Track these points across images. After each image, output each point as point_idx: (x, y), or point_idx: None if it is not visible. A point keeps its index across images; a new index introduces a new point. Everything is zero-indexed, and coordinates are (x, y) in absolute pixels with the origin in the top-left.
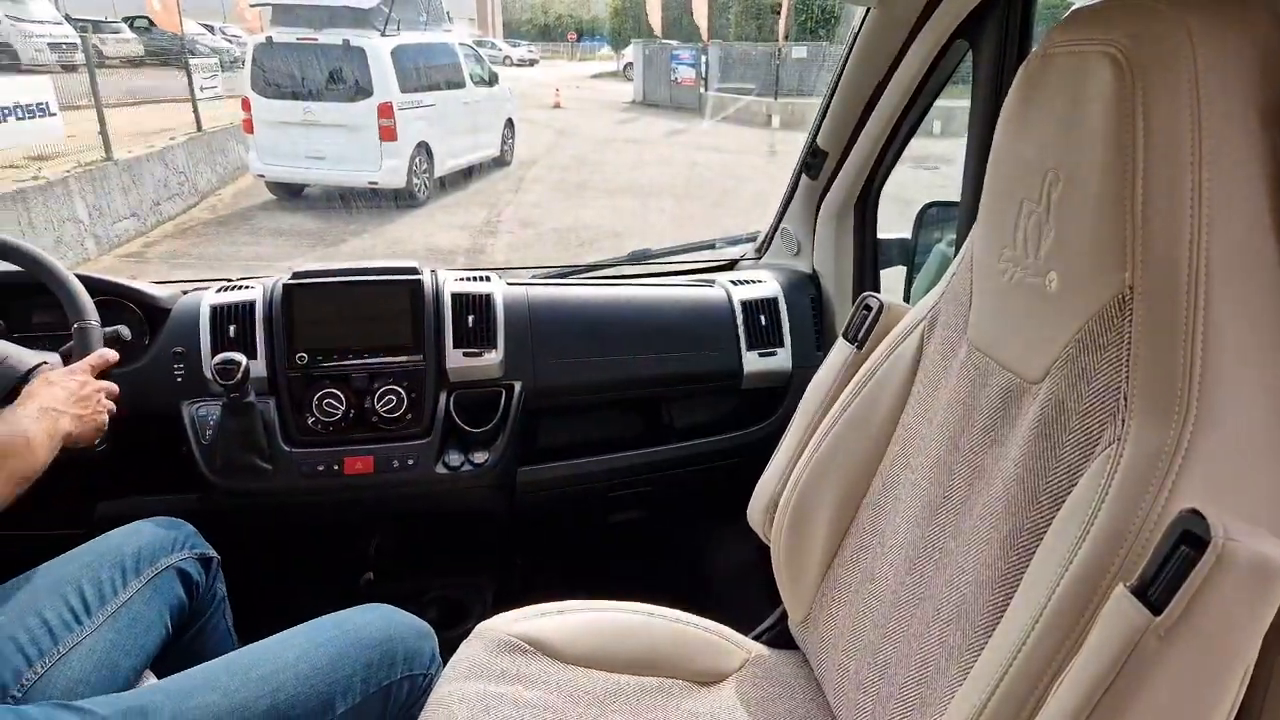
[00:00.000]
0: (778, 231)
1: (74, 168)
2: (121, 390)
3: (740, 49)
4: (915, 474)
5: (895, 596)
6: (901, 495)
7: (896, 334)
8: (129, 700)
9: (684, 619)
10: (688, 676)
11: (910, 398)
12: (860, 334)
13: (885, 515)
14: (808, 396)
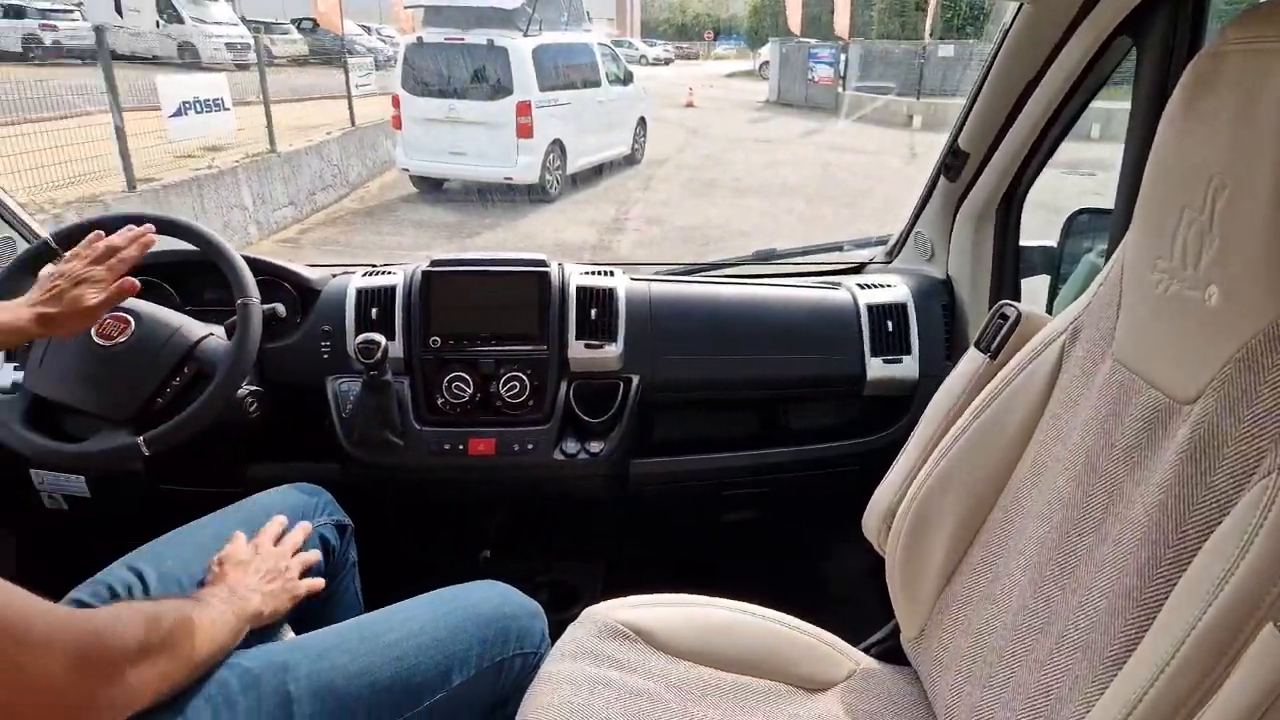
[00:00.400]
0: (911, 235)
1: (242, 159)
2: (273, 363)
3: (882, 47)
4: (1046, 493)
5: (1017, 620)
6: (1030, 514)
7: (1034, 345)
8: (271, 654)
9: (791, 623)
10: (791, 681)
11: (1045, 413)
12: (994, 344)
13: (1011, 534)
14: (934, 405)
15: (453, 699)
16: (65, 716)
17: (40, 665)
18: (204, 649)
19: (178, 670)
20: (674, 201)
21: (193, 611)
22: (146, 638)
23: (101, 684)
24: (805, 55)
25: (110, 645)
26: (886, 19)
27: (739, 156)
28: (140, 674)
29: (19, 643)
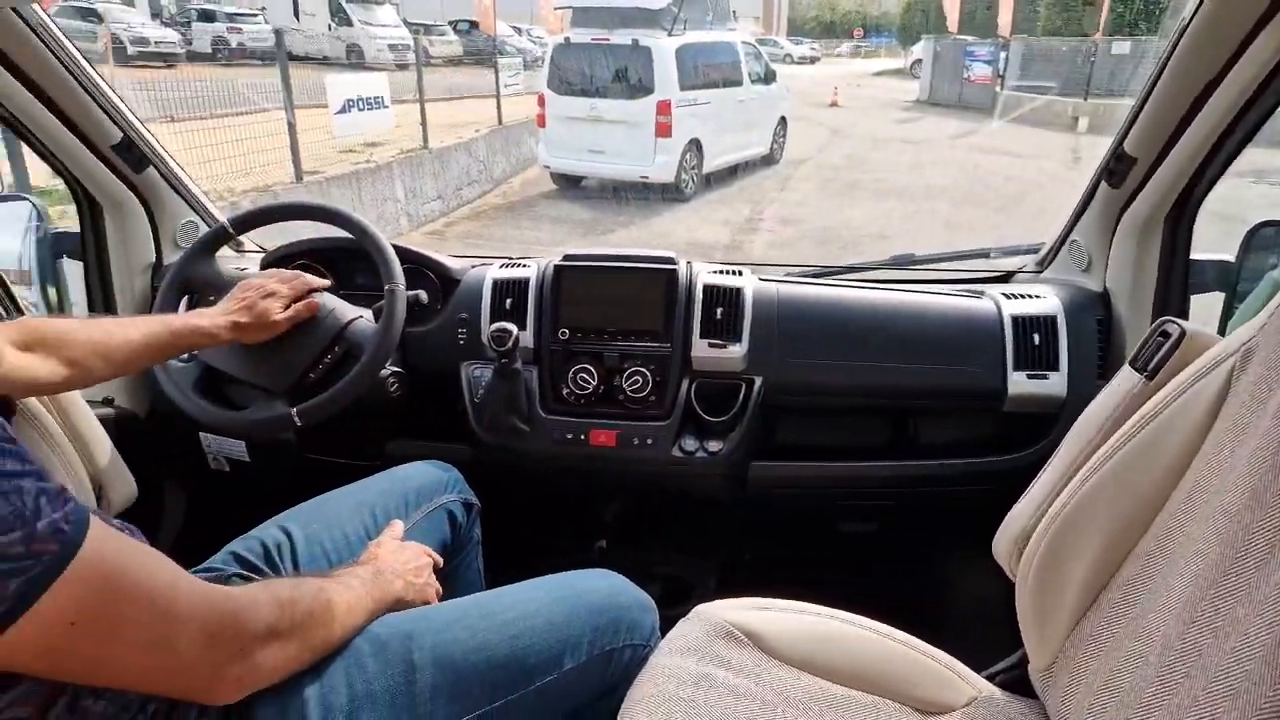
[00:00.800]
0: (1066, 243)
1: (397, 154)
2: (414, 347)
3: (1045, 44)
4: (1202, 527)
5: (1161, 660)
6: (1182, 549)
7: (1198, 367)
8: (398, 623)
9: (909, 641)
10: (906, 701)
11: (1206, 441)
12: (1153, 363)
13: (1159, 568)
14: (1080, 425)
15: (562, 682)
16: (193, 687)
17: (178, 638)
18: (334, 634)
19: (303, 654)
20: (811, 202)
21: (331, 595)
22: (278, 622)
23: (230, 661)
24: (961, 53)
25: (244, 626)
26: (1053, 15)
27: (883, 157)
28: (267, 655)
29: (163, 616)
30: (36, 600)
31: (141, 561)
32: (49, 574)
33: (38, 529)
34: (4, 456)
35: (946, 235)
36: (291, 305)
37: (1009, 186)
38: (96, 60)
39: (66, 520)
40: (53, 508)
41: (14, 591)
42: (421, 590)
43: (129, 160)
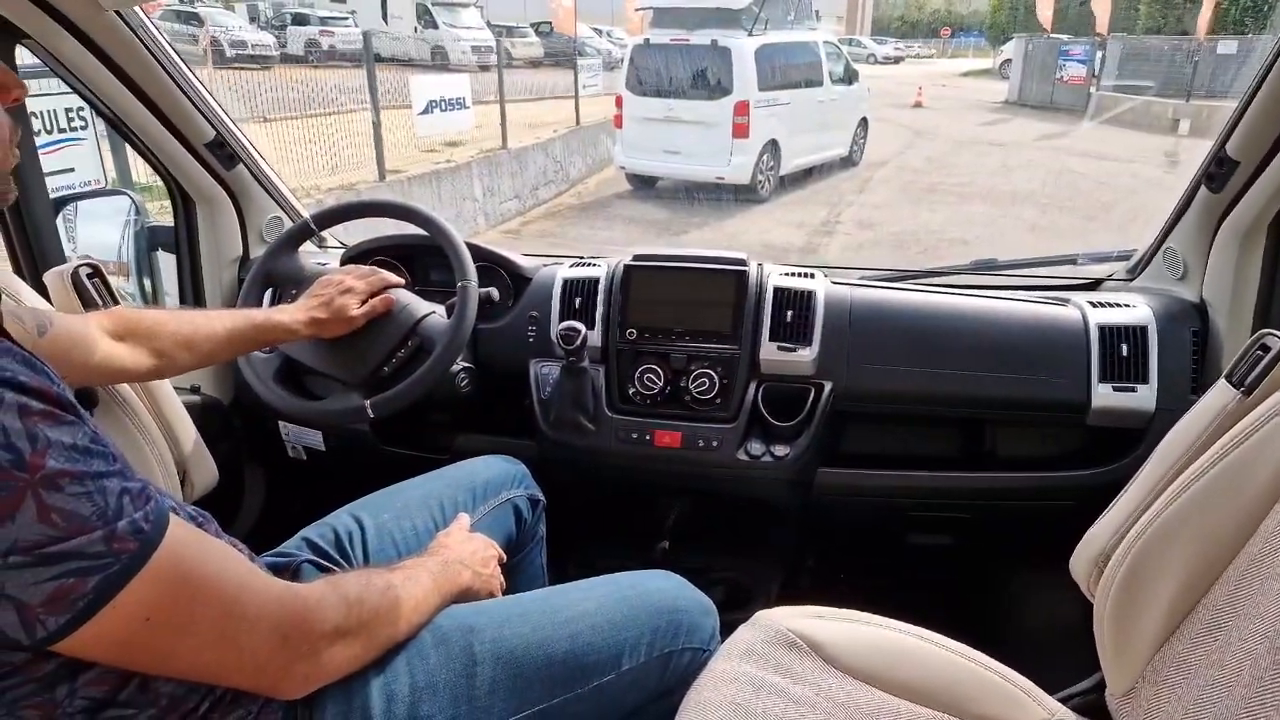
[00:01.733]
0: (1160, 250)
1: (476, 154)
2: (485, 343)
3: (1144, 43)
4: None
5: (1249, 693)
6: (1274, 574)
7: None
8: (460, 616)
9: (977, 658)
10: (970, 718)
11: None
12: (1250, 378)
13: (1250, 595)
14: (1169, 441)
15: (620, 682)
16: (260, 682)
17: (248, 637)
18: (400, 631)
19: (368, 652)
20: (890, 205)
21: (398, 593)
22: (344, 622)
23: (298, 659)
24: (1054, 52)
25: (311, 627)
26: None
27: (967, 160)
28: (333, 654)
29: (234, 614)
30: (114, 597)
31: (217, 560)
32: (127, 572)
33: (118, 528)
34: (91, 457)
35: (1031, 241)
36: (367, 301)
37: (1101, 191)
38: (197, 62)
39: (146, 519)
40: (134, 507)
41: (93, 587)
42: (487, 582)
43: (220, 158)
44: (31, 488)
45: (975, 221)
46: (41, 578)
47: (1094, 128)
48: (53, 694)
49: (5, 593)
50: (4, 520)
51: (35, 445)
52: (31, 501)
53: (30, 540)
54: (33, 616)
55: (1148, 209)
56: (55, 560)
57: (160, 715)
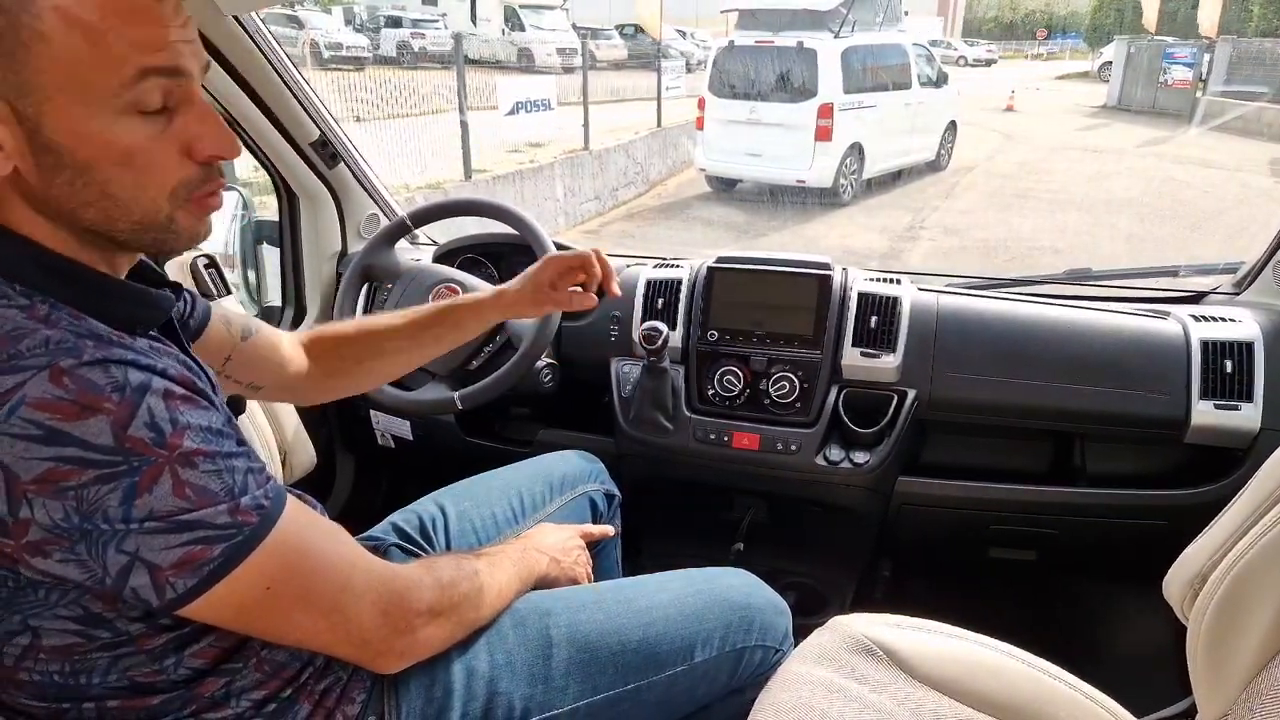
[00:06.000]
0: (1270, 264)
1: (559, 155)
2: (569, 341)
3: (1257, 46)
4: None
5: None
6: None
7: None
8: (536, 600)
9: (1063, 676)
10: None
11: None
12: None
13: None
14: (1274, 462)
15: (692, 674)
16: (363, 654)
17: (355, 610)
18: (484, 614)
19: (456, 631)
20: (978, 211)
21: (484, 579)
22: (437, 603)
23: (397, 634)
24: (1159, 54)
25: (409, 604)
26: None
27: (1060, 166)
28: (427, 631)
29: (342, 588)
30: (238, 565)
31: (328, 538)
32: (250, 542)
33: (242, 503)
34: (222, 438)
35: (1129, 252)
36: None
37: (1205, 201)
38: (297, 63)
39: (266, 496)
40: (256, 484)
41: (219, 555)
42: (569, 569)
43: (323, 156)
44: (170, 464)
45: (1068, 230)
46: (172, 544)
47: (1200, 134)
48: (160, 664)
49: (139, 556)
50: (144, 491)
51: (175, 426)
52: (169, 476)
53: (165, 510)
54: (163, 579)
55: (1257, 220)
56: (185, 528)
57: (262, 680)
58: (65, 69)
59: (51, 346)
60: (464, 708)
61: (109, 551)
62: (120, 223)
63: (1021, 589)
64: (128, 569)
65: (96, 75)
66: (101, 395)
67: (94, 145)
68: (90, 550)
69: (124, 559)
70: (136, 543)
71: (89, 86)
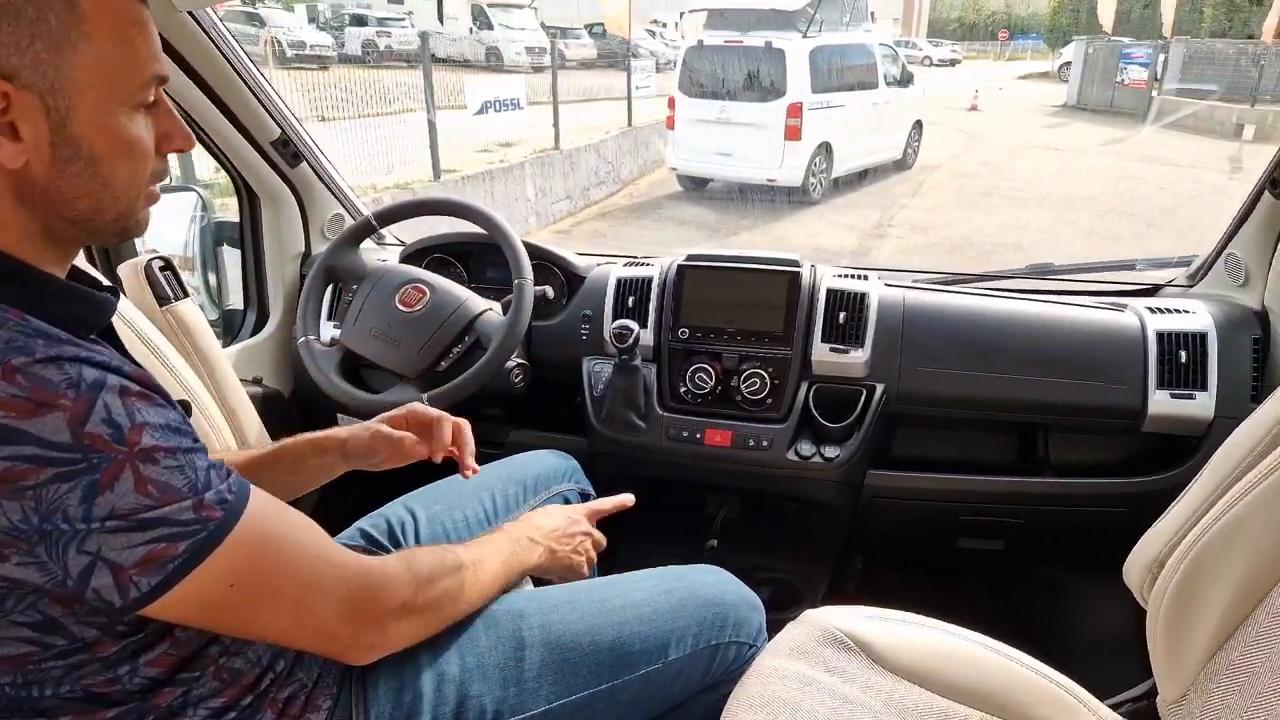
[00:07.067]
0: (1222, 256)
1: (529, 155)
2: (539, 340)
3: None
4: None
5: None
6: None
7: None
8: (510, 601)
9: (1029, 663)
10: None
11: None
12: None
13: None
14: (1228, 448)
15: (667, 672)
16: (329, 649)
17: (322, 606)
18: (462, 610)
19: (431, 627)
20: (944, 209)
21: (465, 576)
22: (413, 599)
23: (365, 630)
24: (1116, 54)
25: (380, 602)
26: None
27: (1023, 164)
28: (399, 628)
29: (310, 584)
30: (202, 561)
31: (296, 531)
32: (214, 538)
33: (206, 498)
34: (181, 435)
35: (1088, 247)
36: None
37: (1160, 197)
38: (258, 62)
39: (230, 490)
40: (219, 478)
41: (183, 552)
42: (565, 560)
43: (285, 156)
44: (130, 460)
45: (1031, 227)
46: (135, 542)
47: (1155, 132)
48: (115, 672)
49: (101, 556)
50: (105, 489)
51: (133, 422)
52: (130, 473)
53: (127, 508)
54: (126, 578)
55: (1209, 215)
56: (148, 526)
57: (220, 688)
58: (99, 71)
59: (1, 345)
60: (434, 712)
61: (70, 552)
62: (107, 212)
63: (990, 578)
64: (89, 569)
65: (123, 78)
66: (56, 392)
67: (109, 138)
68: (50, 551)
69: (85, 559)
70: (98, 542)
71: (116, 87)
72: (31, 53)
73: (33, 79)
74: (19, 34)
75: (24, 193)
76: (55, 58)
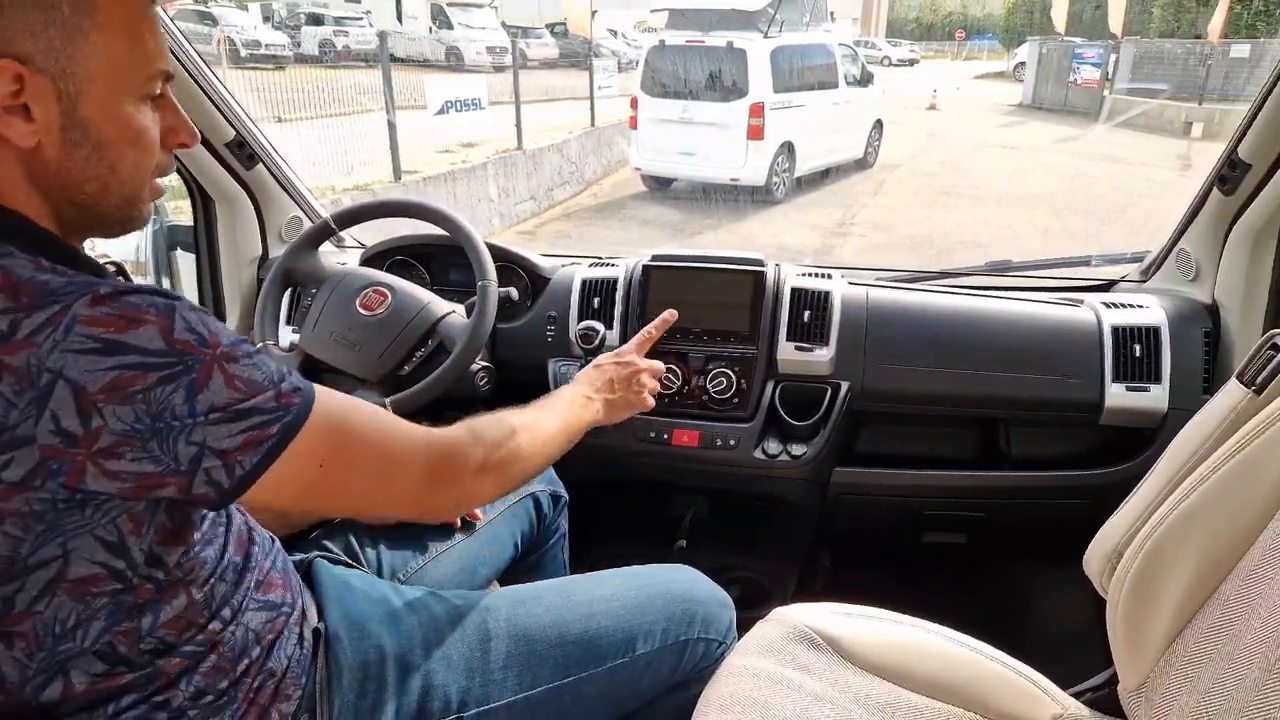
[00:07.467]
0: (1173, 252)
1: (491, 155)
2: (504, 343)
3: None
4: None
5: (1259, 684)
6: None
7: None
8: (476, 597)
9: (993, 654)
10: (986, 714)
11: None
12: (1261, 378)
13: (1260, 589)
14: (1181, 440)
15: (634, 667)
16: (416, 511)
17: (403, 477)
18: (529, 467)
19: (504, 484)
20: (904, 208)
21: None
22: (484, 459)
23: (445, 490)
24: (1068, 55)
25: (455, 464)
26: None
27: (981, 163)
28: (477, 484)
29: (388, 459)
30: (292, 440)
31: (363, 413)
32: (298, 420)
33: (283, 388)
34: (244, 341)
35: (1044, 244)
36: None
37: (1113, 195)
38: (211, 62)
39: (300, 381)
40: (288, 373)
41: (275, 433)
42: (626, 401)
43: (240, 157)
44: (216, 361)
45: (989, 224)
46: (234, 431)
47: (1107, 131)
48: (139, 622)
49: (207, 445)
50: (202, 387)
51: (209, 330)
52: (219, 372)
53: (223, 402)
54: (232, 460)
55: (1160, 212)
56: (243, 416)
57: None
58: (109, 60)
59: (78, 283)
60: (398, 701)
61: (179, 444)
62: (113, 197)
63: (955, 572)
64: (198, 457)
65: (131, 68)
66: (142, 310)
67: (117, 125)
68: (162, 446)
69: (194, 449)
70: (203, 434)
71: (124, 76)
72: (45, 38)
73: (45, 63)
74: (34, 20)
75: (36, 175)
76: (67, 45)
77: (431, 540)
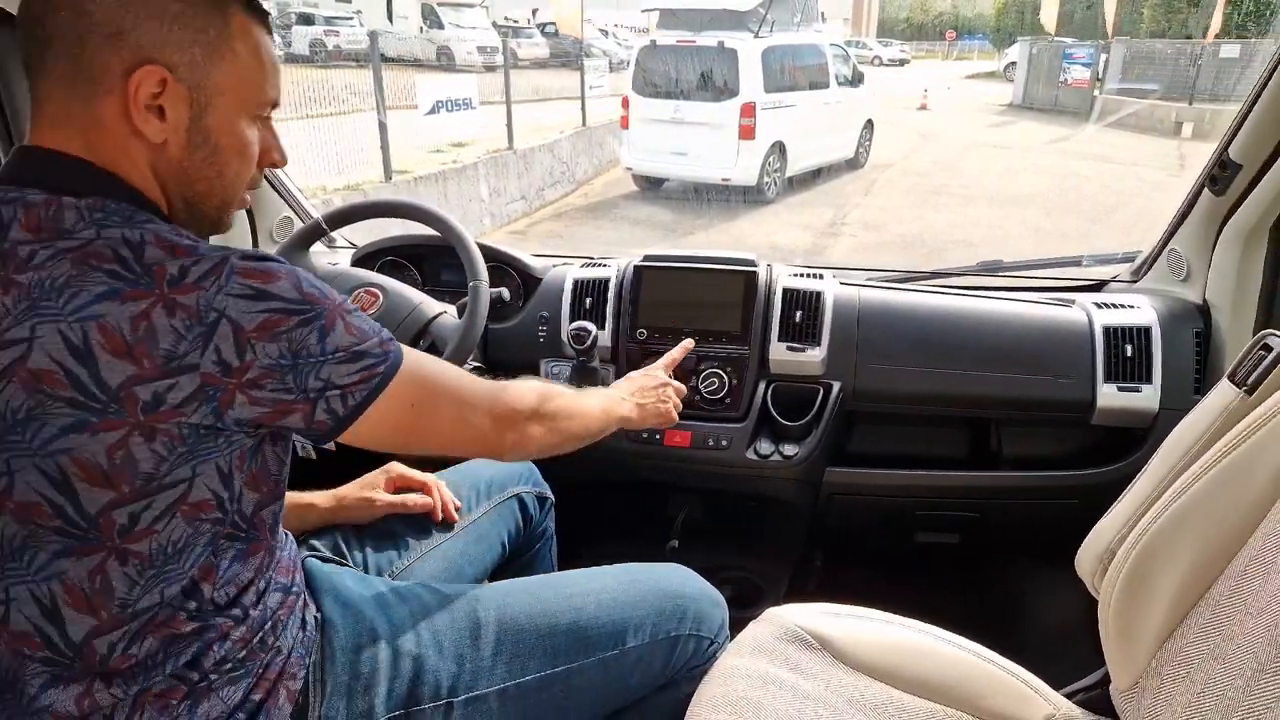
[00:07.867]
0: (1164, 252)
1: (482, 155)
2: (496, 343)
3: (1148, 47)
4: None
5: (1251, 685)
6: (1278, 571)
7: None
8: (465, 589)
9: (985, 654)
10: (979, 714)
11: None
12: (1252, 378)
13: (1252, 590)
14: (1173, 440)
15: (624, 660)
16: (485, 449)
17: (475, 419)
18: (576, 428)
19: (554, 435)
20: (896, 207)
21: (575, 399)
22: (539, 406)
23: (508, 431)
24: (1059, 55)
25: (515, 407)
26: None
27: (972, 163)
28: (532, 429)
29: (462, 403)
30: (391, 381)
31: (438, 364)
32: (395, 365)
33: (383, 337)
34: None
35: (1036, 244)
36: None
37: (1105, 194)
38: None
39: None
40: (381, 326)
41: (381, 373)
42: (655, 409)
43: None
44: (337, 310)
45: (980, 224)
46: (352, 370)
47: (1098, 131)
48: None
49: (331, 380)
50: (330, 331)
51: (322, 287)
52: (340, 320)
53: (345, 345)
54: (348, 392)
55: (1151, 212)
56: (358, 358)
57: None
58: (236, 80)
59: (216, 246)
60: (389, 684)
61: (309, 379)
62: (215, 198)
63: (947, 572)
64: (323, 389)
65: (252, 91)
66: (274, 268)
67: (232, 136)
68: (295, 379)
69: (320, 383)
70: (329, 371)
71: (245, 96)
72: (190, 53)
73: (186, 74)
74: (184, 37)
75: (159, 168)
76: (207, 62)
77: (415, 538)
